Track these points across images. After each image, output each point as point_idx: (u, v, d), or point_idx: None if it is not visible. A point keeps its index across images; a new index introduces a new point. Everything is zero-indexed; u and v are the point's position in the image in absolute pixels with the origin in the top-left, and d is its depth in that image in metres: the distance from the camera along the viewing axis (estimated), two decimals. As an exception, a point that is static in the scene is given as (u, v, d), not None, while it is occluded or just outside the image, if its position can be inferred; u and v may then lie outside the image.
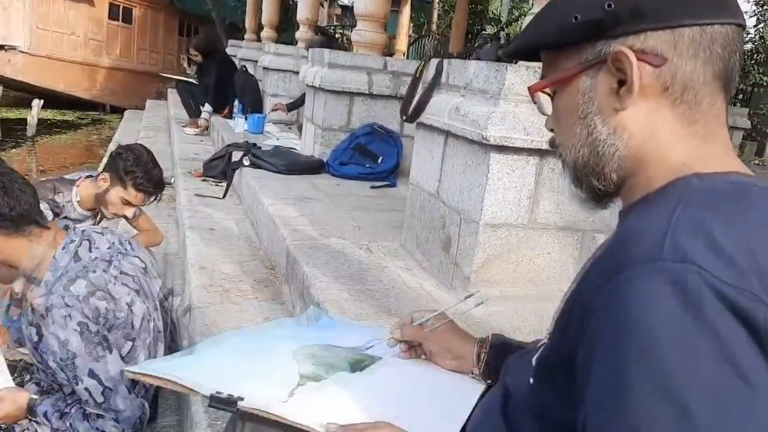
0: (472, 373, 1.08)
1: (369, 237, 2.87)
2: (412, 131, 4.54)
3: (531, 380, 0.71)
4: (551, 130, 0.83)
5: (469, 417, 0.93)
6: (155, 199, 2.53)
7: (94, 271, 1.62)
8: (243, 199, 4.22)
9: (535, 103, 0.80)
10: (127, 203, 2.45)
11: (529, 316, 2.08)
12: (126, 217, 2.56)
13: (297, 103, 6.31)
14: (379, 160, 4.25)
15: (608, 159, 0.73)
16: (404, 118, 2.58)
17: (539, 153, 2.09)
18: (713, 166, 0.69)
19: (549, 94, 0.78)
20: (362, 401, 0.93)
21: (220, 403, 0.87)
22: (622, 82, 0.71)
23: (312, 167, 4.26)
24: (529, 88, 0.82)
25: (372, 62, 4.41)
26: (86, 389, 1.57)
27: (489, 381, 1.07)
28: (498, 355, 1.06)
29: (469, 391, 1.03)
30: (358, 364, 1.06)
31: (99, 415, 1.60)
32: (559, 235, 2.18)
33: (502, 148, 2.05)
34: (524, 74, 2.03)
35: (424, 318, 1.11)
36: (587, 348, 0.60)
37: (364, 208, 3.46)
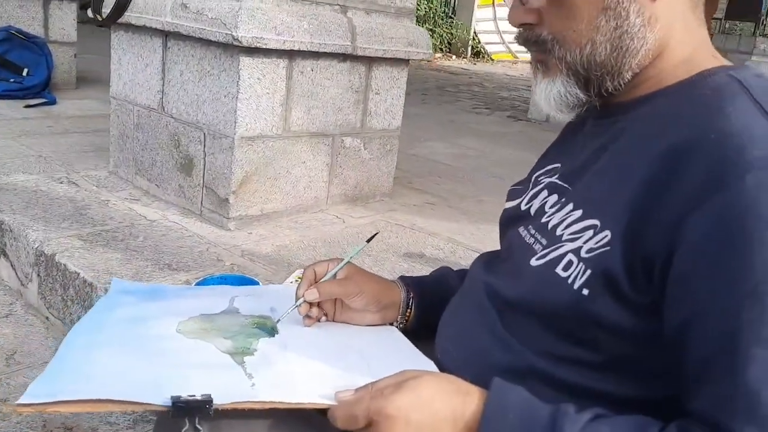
0: (396, 322, 0.92)
1: (63, 168, 2.35)
2: (61, 36, 3.80)
3: (584, 291, 0.63)
4: (524, 25, 0.72)
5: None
6: None
7: None
8: None
9: None
10: None
11: (293, 233, 1.98)
12: None
13: None
14: (25, 73, 3.47)
15: (633, 54, 0.66)
16: (99, 18, 2.08)
17: (288, 55, 1.91)
18: (713, 57, 0.68)
19: None
20: (323, 358, 0.76)
21: (188, 408, 0.60)
22: None
23: (-69, 86, 3.26)
24: None
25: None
26: None
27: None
28: (423, 297, 0.93)
29: (388, 334, 0.90)
30: (265, 326, 0.85)
31: None
32: (312, 142, 2.07)
33: (252, 51, 1.81)
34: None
35: (333, 271, 0.90)
36: (695, 254, 0.56)
37: (34, 134, 2.81)
